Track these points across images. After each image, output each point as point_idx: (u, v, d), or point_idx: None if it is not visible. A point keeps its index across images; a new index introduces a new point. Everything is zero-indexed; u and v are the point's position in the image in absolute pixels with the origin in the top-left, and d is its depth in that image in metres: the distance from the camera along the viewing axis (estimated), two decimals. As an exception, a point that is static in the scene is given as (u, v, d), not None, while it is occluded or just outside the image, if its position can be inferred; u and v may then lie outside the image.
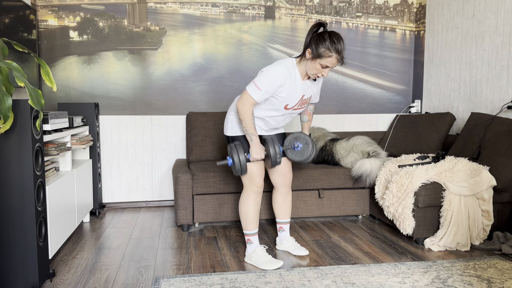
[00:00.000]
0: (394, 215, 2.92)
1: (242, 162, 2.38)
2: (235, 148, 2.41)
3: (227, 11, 4.08)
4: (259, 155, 2.45)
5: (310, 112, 2.71)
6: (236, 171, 2.43)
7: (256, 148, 2.44)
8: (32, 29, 3.24)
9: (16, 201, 2.09)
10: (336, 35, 2.27)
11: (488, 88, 3.43)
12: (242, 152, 2.39)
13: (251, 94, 2.35)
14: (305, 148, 2.58)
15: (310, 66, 2.33)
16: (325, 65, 2.29)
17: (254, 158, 2.45)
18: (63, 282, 2.34)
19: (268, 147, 2.44)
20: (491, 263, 2.52)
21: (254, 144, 2.43)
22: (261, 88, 2.33)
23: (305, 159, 2.60)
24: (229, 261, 2.62)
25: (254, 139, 2.43)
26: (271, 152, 2.42)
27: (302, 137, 2.59)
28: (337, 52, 2.26)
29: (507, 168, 2.83)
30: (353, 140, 3.54)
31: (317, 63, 2.29)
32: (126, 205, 4.02)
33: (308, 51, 2.31)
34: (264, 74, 2.33)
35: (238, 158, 2.38)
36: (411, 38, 4.39)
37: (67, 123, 2.92)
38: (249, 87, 2.36)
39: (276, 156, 2.43)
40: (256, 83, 2.34)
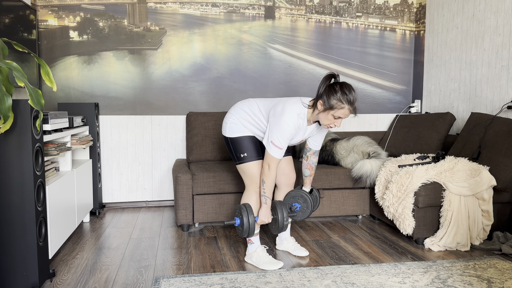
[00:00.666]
0: (394, 215, 2.92)
1: (251, 224, 2.41)
2: (245, 210, 2.42)
3: (227, 11, 4.08)
4: (267, 218, 2.48)
5: (312, 166, 2.68)
6: (243, 232, 2.44)
7: (267, 212, 2.48)
8: (32, 29, 3.24)
9: (16, 201, 2.09)
10: (347, 86, 2.29)
11: (488, 88, 3.43)
12: (252, 213, 2.42)
13: (275, 155, 2.37)
14: (304, 206, 2.65)
15: (322, 117, 2.34)
16: (338, 116, 2.30)
17: (261, 221, 2.48)
18: (63, 282, 2.34)
19: (277, 211, 2.46)
20: (491, 263, 2.52)
21: (266, 207, 2.47)
22: (282, 147, 2.37)
23: (307, 216, 2.66)
24: (229, 261, 2.62)
25: (268, 203, 2.47)
26: (279, 217, 2.45)
27: (299, 196, 2.65)
28: (349, 103, 2.27)
29: (507, 168, 2.83)
30: (354, 141, 3.54)
31: (330, 114, 2.30)
32: (126, 205, 4.02)
33: (320, 103, 2.31)
34: (280, 132, 2.34)
35: (248, 220, 2.40)
36: (411, 38, 4.39)
37: (67, 123, 2.92)
38: (270, 150, 2.37)
39: (284, 221, 2.45)
40: (276, 144, 2.35)
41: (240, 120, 2.52)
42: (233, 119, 2.54)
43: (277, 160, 2.39)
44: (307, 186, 2.71)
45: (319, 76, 4.22)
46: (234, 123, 2.54)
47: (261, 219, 2.48)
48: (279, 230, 2.49)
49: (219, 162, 3.66)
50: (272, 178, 2.42)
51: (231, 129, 2.54)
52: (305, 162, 2.68)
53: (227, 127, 2.56)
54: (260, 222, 2.48)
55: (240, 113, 2.53)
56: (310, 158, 2.66)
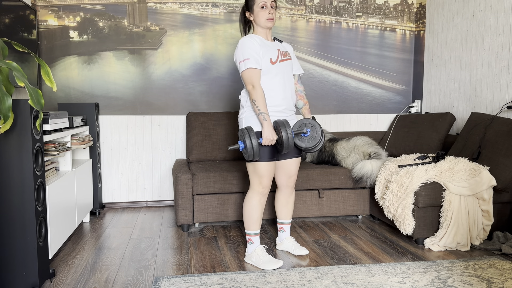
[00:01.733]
0: (394, 215, 2.92)
1: (255, 146, 2.31)
2: (247, 132, 2.34)
3: (227, 11, 4.08)
4: (272, 136, 2.38)
5: (302, 95, 2.68)
6: (248, 155, 2.36)
7: (269, 128, 2.37)
8: (32, 29, 3.24)
9: (16, 201, 2.09)
10: None
11: (488, 88, 3.43)
12: (254, 136, 2.32)
13: (248, 66, 2.42)
14: (314, 131, 2.50)
15: (258, 19, 2.53)
16: (262, 6, 2.48)
17: (266, 139, 2.37)
18: (63, 282, 2.34)
19: (280, 130, 2.36)
20: (491, 263, 2.52)
21: (267, 124, 2.37)
22: (248, 57, 2.43)
23: (317, 143, 2.50)
24: (229, 261, 2.62)
25: (267, 118, 2.38)
26: (283, 135, 2.34)
27: (306, 122, 2.52)
28: None
29: (507, 168, 2.83)
30: (354, 141, 3.54)
31: (257, 10, 2.50)
32: (126, 205, 4.03)
33: (247, 14, 2.57)
34: (239, 48, 2.48)
35: (251, 142, 2.32)
36: (411, 38, 4.39)
37: (67, 123, 2.92)
38: (241, 67, 2.45)
39: (289, 139, 2.34)
40: (241, 58, 2.45)
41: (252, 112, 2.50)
42: (247, 113, 2.52)
43: (255, 72, 2.43)
44: (307, 115, 2.68)
45: (319, 76, 4.23)
46: (249, 117, 2.51)
47: (265, 137, 2.37)
48: (285, 148, 2.38)
49: (219, 162, 3.66)
50: (260, 93, 2.41)
51: (247, 123, 2.51)
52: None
53: (243, 122, 2.54)
54: (266, 141, 2.38)
55: (243, 101, 2.57)
56: (296, 87, 2.69)
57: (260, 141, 2.39)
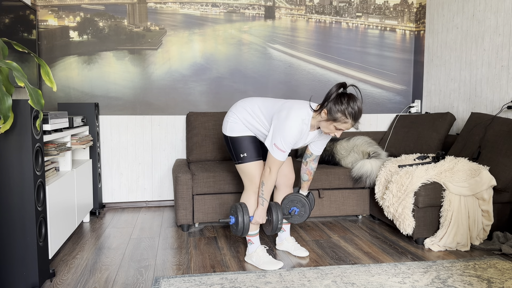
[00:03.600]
0: (394, 215, 2.92)
1: (246, 224, 2.43)
2: (241, 209, 2.44)
3: (227, 11, 4.08)
4: (262, 219, 2.50)
5: (311, 171, 2.68)
6: (237, 231, 2.47)
7: (263, 213, 2.49)
8: (32, 29, 3.24)
9: (16, 201, 2.09)
10: (354, 99, 2.24)
11: (488, 88, 3.43)
12: (247, 213, 2.43)
13: (278, 158, 2.37)
14: (302, 211, 2.67)
15: (324, 125, 2.34)
16: (339, 128, 2.30)
17: (256, 221, 2.50)
18: (63, 282, 2.34)
19: (272, 213, 2.48)
20: (491, 263, 2.52)
21: (262, 209, 2.49)
22: (285, 150, 2.36)
23: (304, 220, 2.68)
24: (229, 261, 2.62)
25: (265, 204, 2.48)
26: (274, 218, 2.47)
27: (297, 200, 2.66)
28: (353, 119, 2.26)
29: (507, 168, 2.83)
30: (354, 141, 3.54)
31: (332, 125, 2.30)
32: (126, 205, 4.02)
33: (325, 112, 2.29)
34: (283, 135, 2.32)
35: (243, 219, 2.42)
36: (411, 38, 4.39)
37: (67, 123, 2.92)
38: (273, 152, 2.36)
39: (278, 223, 2.47)
40: (278, 146, 2.34)
41: (241, 119, 2.52)
42: (234, 118, 2.54)
43: (280, 163, 2.39)
44: (304, 190, 2.72)
45: (319, 76, 4.22)
46: (235, 122, 2.53)
47: (256, 220, 2.50)
48: (272, 231, 2.52)
49: (219, 162, 3.66)
50: (273, 181, 2.43)
51: (232, 128, 2.53)
52: (304, 167, 2.67)
53: (227, 126, 2.56)
54: (255, 222, 2.50)
55: (242, 112, 2.53)
56: (310, 164, 2.66)
57: (251, 218, 2.51)
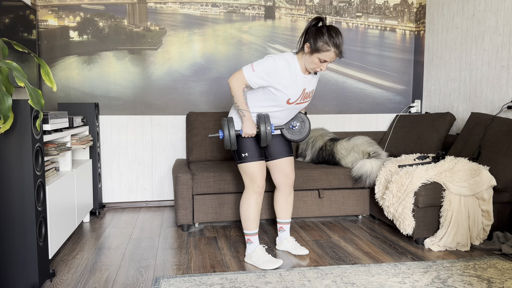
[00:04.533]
0: (394, 215, 2.92)
1: (232, 137, 2.44)
2: (226, 123, 2.46)
3: (227, 11, 4.08)
4: (251, 130, 2.47)
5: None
6: (226, 145, 2.49)
7: (248, 123, 2.46)
8: (32, 29, 3.24)
9: (16, 201, 2.09)
10: (334, 29, 2.29)
11: (488, 88, 3.43)
12: (233, 127, 2.45)
13: (244, 72, 2.39)
14: (302, 126, 2.66)
15: (308, 61, 2.35)
16: (323, 60, 2.31)
17: (245, 133, 2.47)
18: (63, 282, 2.34)
19: (259, 124, 2.47)
20: (491, 263, 2.52)
21: (246, 119, 2.46)
22: (255, 70, 2.37)
23: (303, 137, 2.66)
24: (229, 261, 2.62)
25: (246, 114, 2.46)
26: (262, 129, 2.45)
27: (297, 116, 2.67)
28: (335, 46, 2.27)
29: (507, 168, 2.83)
30: (354, 140, 3.54)
31: (316, 57, 2.31)
32: (126, 205, 4.02)
33: (307, 45, 2.32)
34: (263, 60, 2.39)
35: (228, 133, 2.44)
36: (411, 38, 4.39)
37: (67, 123, 2.92)
38: (245, 67, 2.41)
39: (266, 133, 2.45)
40: (253, 65, 2.39)
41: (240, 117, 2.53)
42: (236, 113, 2.57)
43: (243, 79, 2.39)
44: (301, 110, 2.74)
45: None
46: (236, 121, 2.56)
47: (245, 132, 2.47)
48: (262, 141, 2.48)
49: (219, 162, 3.66)
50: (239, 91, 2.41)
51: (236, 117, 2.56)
52: None
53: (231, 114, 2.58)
54: (245, 134, 2.48)
55: None
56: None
57: (241, 132, 2.50)
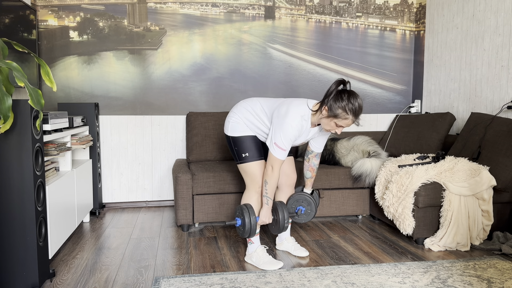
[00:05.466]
0: (394, 215, 2.92)
1: (253, 225, 2.42)
2: (247, 210, 2.43)
3: (227, 11, 4.08)
4: (268, 219, 2.49)
5: (314, 168, 2.67)
6: (244, 233, 2.45)
7: (268, 212, 2.48)
8: (32, 29, 3.24)
9: (16, 201, 2.09)
10: (354, 96, 2.26)
11: (488, 88, 3.43)
12: (253, 214, 2.43)
13: (279, 157, 2.37)
14: (308, 209, 2.66)
15: (324, 122, 2.34)
16: (340, 125, 2.31)
17: (262, 221, 2.49)
18: (63, 282, 2.34)
19: (278, 212, 2.47)
20: (491, 263, 2.52)
21: (267, 208, 2.47)
22: (285, 148, 2.36)
23: (311, 219, 2.67)
24: (229, 261, 2.62)
25: (269, 203, 2.47)
26: (281, 218, 2.46)
27: (303, 199, 2.66)
28: (353, 115, 2.26)
29: (507, 168, 2.83)
30: (354, 140, 3.55)
31: (333, 121, 2.30)
32: (126, 205, 4.02)
33: (325, 109, 2.29)
34: (283, 134, 2.33)
35: (250, 221, 2.41)
36: (411, 38, 4.39)
37: (67, 123, 2.92)
38: (274, 151, 2.37)
39: (285, 222, 2.47)
40: (279, 145, 2.35)
41: (242, 119, 2.52)
42: (236, 118, 2.54)
43: (281, 161, 2.39)
44: (308, 188, 2.71)
45: (319, 76, 4.22)
46: (237, 122, 2.53)
47: (261, 220, 2.48)
48: (279, 230, 2.51)
49: (219, 162, 3.66)
50: (275, 179, 2.43)
51: (233, 128, 2.54)
52: (307, 164, 2.67)
53: (229, 126, 2.56)
54: (261, 222, 2.49)
55: (243, 112, 2.53)
56: (312, 160, 2.65)
57: (257, 219, 2.49)
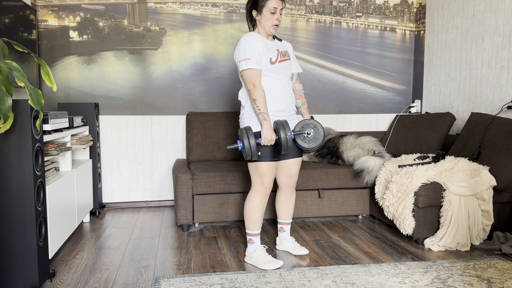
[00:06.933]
0: (394, 215, 2.92)
1: (253, 146, 2.35)
2: (245, 132, 2.37)
3: (227, 11, 4.08)
4: (271, 136, 2.39)
5: (301, 94, 2.69)
6: (246, 155, 2.39)
7: (268, 128, 2.38)
8: (32, 29, 3.24)
9: (16, 201, 2.09)
10: None
11: (488, 88, 3.43)
12: (252, 136, 2.36)
13: (249, 66, 2.41)
14: (316, 132, 2.52)
15: (263, 22, 2.48)
16: (273, 8, 2.43)
17: (265, 139, 2.39)
18: (63, 282, 2.34)
19: (279, 131, 2.38)
20: (491, 263, 2.52)
21: (266, 123, 2.39)
22: (250, 57, 2.41)
23: (320, 143, 2.53)
24: (229, 261, 2.62)
25: (266, 118, 2.39)
26: (282, 136, 2.36)
27: (308, 123, 2.54)
28: None
29: (507, 168, 2.83)
30: (362, 139, 3.60)
31: (266, 12, 2.44)
32: (126, 205, 4.03)
33: (254, 12, 2.49)
34: (240, 46, 2.45)
35: (249, 142, 2.35)
36: (411, 38, 4.39)
37: (67, 123, 2.92)
38: (242, 66, 2.43)
39: (287, 140, 2.36)
40: (242, 57, 2.42)
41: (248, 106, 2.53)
42: (245, 110, 2.54)
43: (256, 72, 2.41)
44: (306, 115, 2.69)
45: (319, 76, 4.22)
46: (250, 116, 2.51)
47: (264, 137, 2.39)
48: (283, 149, 2.40)
49: (219, 162, 3.66)
50: (261, 93, 2.41)
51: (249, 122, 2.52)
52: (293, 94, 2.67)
53: (244, 123, 2.55)
54: (265, 141, 2.39)
55: (243, 101, 2.56)
56: (295, 86, 2.70)
57: (259, 141, 2.41)
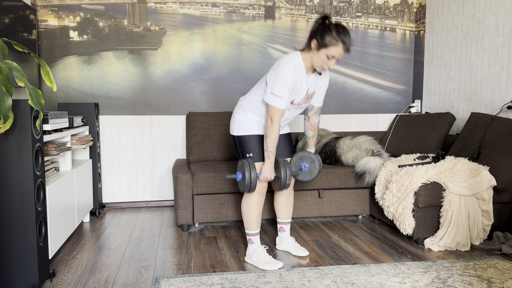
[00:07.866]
0: (394, 215, 2.92)
1: (253, 180, 2.38)
2: (248, 164, 2.39)
3: (227, 11, 4.08)
4: (270, 174, 2.44)
5: (314, 126, 2.67)
6: (244, 187, 2.42)
7: (270, 167, 2.43)
8: (32, 29, 3.24)
9: (16, 201, 2.09)
10: (341, 25, 2.30)
11: (488, 88, 3.43)
12: (254, 168, 2.38)
13: (276, 105, 2.34)
14: (312, 167, 2.59)
15: (315, 58, 2.34)
16: (331, 56, 2.29)
17: (264, 177, 2.44)
18: (63, 282, 2.34)
19: (280, 169, 2.43)
20: (491, 263, 2.52)
21: (269, 162, 2.42)
22: (282, 95, 2.33)
23: (313, 178, 2.61)
24: (229, 261, 2.62)
25: (271, 157, 2.42)
26: (282, 175, 2.42)
27: (306, 156, 2.60)
28: (342, 42, 2.27)
29: (507, 168, 2.83)
30: (357, 139, 3.58)
31: (323, 53, 2.30)
32: (126, 205, 4.02)
33: (314, 42, 2.31)
34: (278, 80, 2.32)
35: (250, 175, 2.37)
36: (411, 38, 4.39)
37: (67, 123, 2.92)
38: (271, 100, 2.34)
39: (286, 179, 2.43)
40: (275, 93, 2.33)
41: (245, 111, 2.53)
42: (240, 112, 2.55)
43: (280, 111, 2.35)
44: (311, 147, 2.70)
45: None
46: (241, 120, 2.52)
47: (263, 175, 2.43)
48: (281, 187, 2.46)
49: (219, 162, 3.66)
50: (276, 132, 2.38)
51: (238, 127, 2.54)
52: (307, 123, 2.66)
53: (234, 125, 2.56)
54: (263, 178, 2.44)
55: (244, 103, 2.56)
56: (312, 118, 2.66)
57: (259, 175, 2.45)
